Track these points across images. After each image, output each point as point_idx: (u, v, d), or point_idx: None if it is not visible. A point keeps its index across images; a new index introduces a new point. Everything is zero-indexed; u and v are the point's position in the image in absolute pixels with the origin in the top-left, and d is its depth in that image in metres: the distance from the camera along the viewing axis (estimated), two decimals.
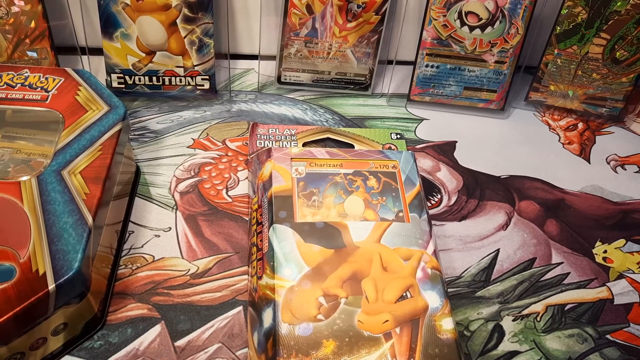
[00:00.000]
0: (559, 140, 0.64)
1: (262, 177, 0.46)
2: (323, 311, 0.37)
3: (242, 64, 0.70)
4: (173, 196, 0.53)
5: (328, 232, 0.42)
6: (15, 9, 0.57)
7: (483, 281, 0.48)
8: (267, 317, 0.37)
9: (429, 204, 0.54)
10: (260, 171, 0.47)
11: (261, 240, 0.42)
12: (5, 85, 0.47)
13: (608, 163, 0.62)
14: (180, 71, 0.61)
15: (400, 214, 0.44)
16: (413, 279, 0.40)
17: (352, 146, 0.56)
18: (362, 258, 0.40)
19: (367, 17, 0.61)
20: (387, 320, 0.37)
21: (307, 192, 0.44)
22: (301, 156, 0.47)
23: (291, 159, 0.46)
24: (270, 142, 0.55)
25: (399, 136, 0.58)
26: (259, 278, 0.40)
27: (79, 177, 0.41)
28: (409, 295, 0.39)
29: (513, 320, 0.46)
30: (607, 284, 0.49)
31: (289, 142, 0.55)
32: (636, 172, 0.61)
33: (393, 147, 0.57)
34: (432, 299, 0.39)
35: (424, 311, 0.38)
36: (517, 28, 0.59)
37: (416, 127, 0.64)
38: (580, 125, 0.66)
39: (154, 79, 0.61)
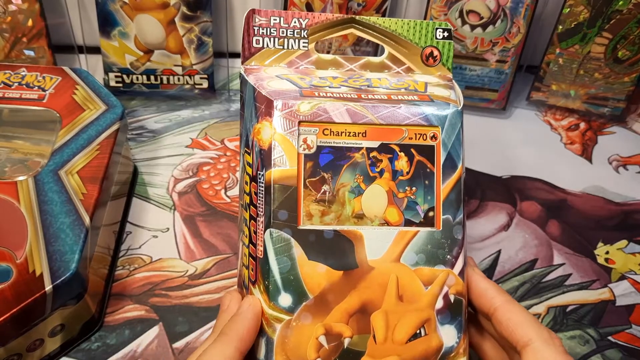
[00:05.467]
0: (560, 140, 0.63)
1: (259, 139, 0.34)
2: (323, 354, 0.32)
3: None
4: (171, 196, 0.52)
5: (338, 245, 0.33)
6: (12, 7, 0.56)
7: None
8: (260, 350, 0.32)
9: None
10: (256, 124, 0.34)
11: (255, 232, 0.34)
12: (2, 84, 0.47)
13: (610, 163, 0.61)
14: (179, 70, 0.60)
15: (431, 214, 0.35)
16: (431, 311, 0.33)
17: (381, 49, 0.41)
18: (375, 283, 0.33)
19: (368, 16, 0.61)
20: None
21: (316, 179, 0.34)
22: (312, 118, 0.34)
23: (299, 122, 0.34)
24: (272, 40, 0.39)
25: (446, 34, 0.40)
26: (252, 283, 0.34)
27: (76, 177, 0.41)
28: (422, 332, 0.33)
29: None
30: (609, 285, 0.49)
31: (296, 42, 0.39)
32: (638, 172, 0.60)
33: (435, 51, 0.40)
34: (449, 335, 0.33)
35: (436, 352, 0.33)
36: (519, 27, 0.59)
37: None
38: (582, 125, 0.65)
39: (152, 77, 0.60)
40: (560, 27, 0.60)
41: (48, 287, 0.35)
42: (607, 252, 0.52)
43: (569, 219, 0.54)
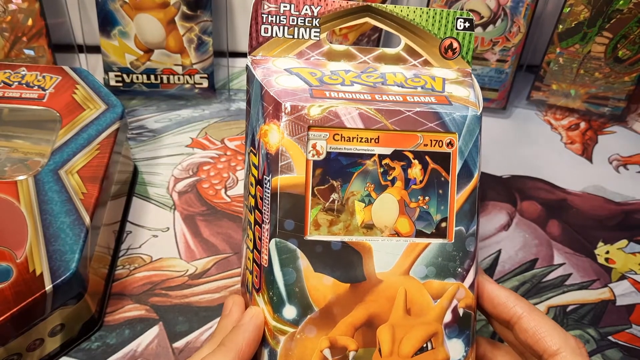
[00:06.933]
0: (561, 140, 0.63)
1: (265, 141, 0.32)
2: None
3: (241, 62, 0.69)
4: (171, 196, 0.52)
5: (346, 256, 0.32)
6: (12, 6, 0.56)
7: None
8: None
9: None
10: (262, 125, 0.32)
11: (260, 239, 0.32)
12: (2, 84, 0.47)
13: (610, 163, 0.61)
14: (179, 69, 0.60)
15: (443, 225, 0.33)
16: (439, 325, 0.32)
17: (396, 40, 0.39)
18: (382, 297, 0.32)
19: None
20: None
21: (324, 187, 0.32)
22: (323, 123, 0.32)
23: (309, 127, 0.32)
24: (281, 28, 0.36)
25: (467, 25, 0.38)
26: (256, 290, 0.33)
27: (77, 176, 0.41)
28: (429, 346, 0.32)
29: None
30: (609, 285, 0.49)
31: (307, 31, 0.36)
32: (639, 172, 0.60)
33: (455, 43, 0.38)
34: (456, 349, 0.32)
35: None
36: (519, 26, 0.59)
37: None
38: (583, 125, 0.65)
39: (152, 77, 0.60)
40: (561, 26, 0.60)
41: (48, 286, 0.35)
42: (607, 252, 0.52)
43: (569, 219, 0.54)
